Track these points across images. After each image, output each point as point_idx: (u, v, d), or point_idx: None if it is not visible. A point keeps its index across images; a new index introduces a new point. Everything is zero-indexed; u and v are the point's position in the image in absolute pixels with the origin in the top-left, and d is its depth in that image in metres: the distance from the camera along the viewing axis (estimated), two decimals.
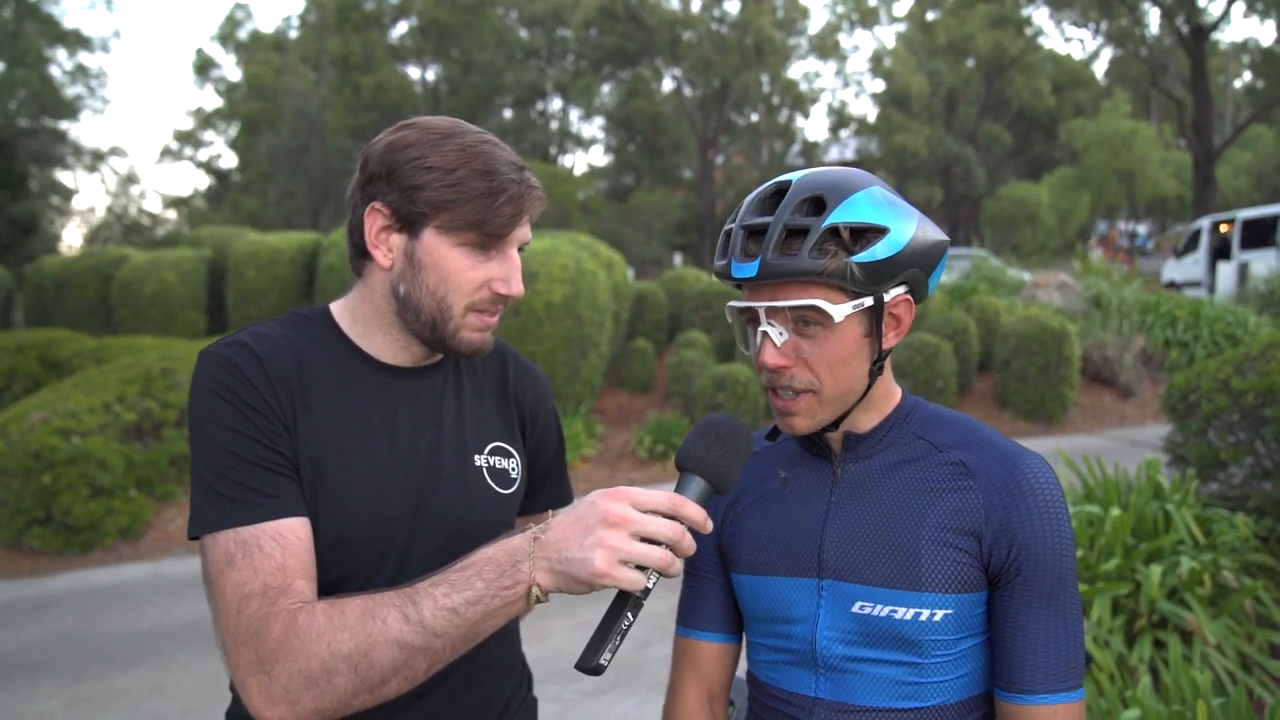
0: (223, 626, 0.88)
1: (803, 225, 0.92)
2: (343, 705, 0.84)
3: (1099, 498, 3.53)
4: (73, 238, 42.44)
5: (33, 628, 4.62)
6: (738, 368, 7.93)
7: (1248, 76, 37.83)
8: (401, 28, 33.30)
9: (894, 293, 0.96)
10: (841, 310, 0.92)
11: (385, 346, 1.08)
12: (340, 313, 1.10)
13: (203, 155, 43.94)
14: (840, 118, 38.07)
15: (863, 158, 34.60)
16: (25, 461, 5.67)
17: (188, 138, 43.21)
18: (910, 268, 0.95)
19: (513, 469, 1.15)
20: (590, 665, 0.82)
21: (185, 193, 47.78)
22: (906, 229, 0.94)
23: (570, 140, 38.37)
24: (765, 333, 0.95)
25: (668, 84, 33.24)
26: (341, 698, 0.83)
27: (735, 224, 0.97)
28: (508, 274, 1.04)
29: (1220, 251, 15.41)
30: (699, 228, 30.82)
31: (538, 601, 0.85)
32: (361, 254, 1.06)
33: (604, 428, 8.54)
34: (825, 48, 35.05)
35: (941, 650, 0.95)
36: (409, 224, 1.01)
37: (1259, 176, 32.25)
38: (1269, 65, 31.35)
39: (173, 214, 42.70)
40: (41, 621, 4.71)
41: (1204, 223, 16.27)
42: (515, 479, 1.15)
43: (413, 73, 33.84)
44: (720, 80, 29.97)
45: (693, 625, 1.13)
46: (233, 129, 40.44)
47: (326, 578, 0.98)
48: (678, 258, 27.35)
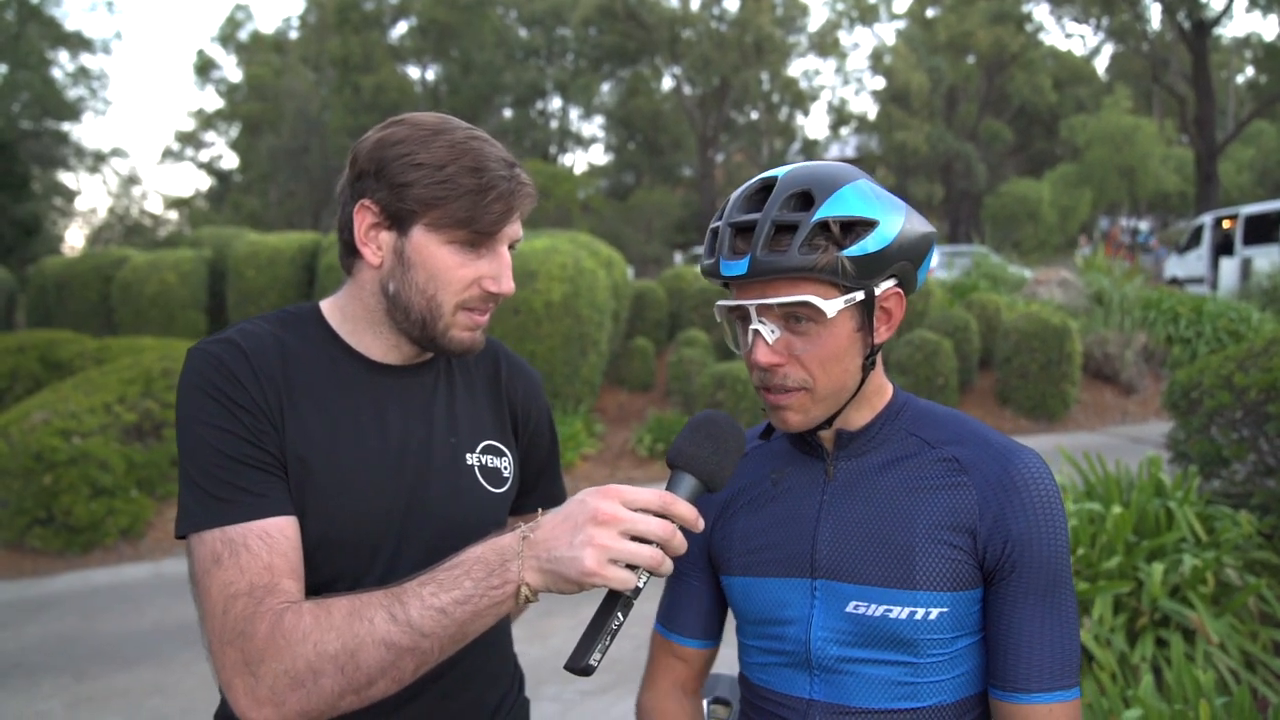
0: (209, 626, 0.87)
1: (792, 221, 0.90)
2: (329, 707, 0.83)
3: (1100, 495, 3.51)
4: (75, 239, 42.50)
5: (33, 628, 4.62)
6: (738, 366, 7.91)
7: (1250, 71, 37.74)
8: (401, 28, 33.31)
9: (884, 286, 0.95)
10: (834, 305, 0.91)
11: (375, 345, 1.07)
12: (330, 310, 1.09)
13: (204, 156, 43.99)
14: (840, 115, 38.02)
15: (863, 155, 34.56)
16: (26, 462, 5.67)
17: (189, 139, 43.24)
18: (900, 260, 0.94)
19: (505, 468, 1.14)
20: (580, 666, 0.81)
21: (187, 193, 47.97)
22: (895, 221, 0.93)
23: (570, 139, 38.35)
24: (757, 331, 0.94)
25: (667, 82, 33.22)
26: (328, 699, 0.82)
27: (722, 222, 0.96)
28: (498, 272, 1.03)
29: (1223, 247, 15.37)
30: (699, 226, 30.76)
31: (527, 601, 0.84)
32: (351, 251, 1.05)
33: (604, 426, 8.53)
34: (825, 45, 34.99)
35: (937, 649, 0.94)
36: (398, 221, 1.00)
37: (1262, 172, 32.16)
38: (1271, 60, 31.30)
39: (174, 215, 42.75)
40: (42, 621, 4.71)
41: (1206, 219, 16.22)
42: (507, 478, 1.14)
43: (412, 73, 33.83)
44: (720, 78, 29.94)
45: (670, 628, 1.14)
46: (233, 130, 40.46)
47: (316, 577, 0.97)
48: (678, 256, 27.31)
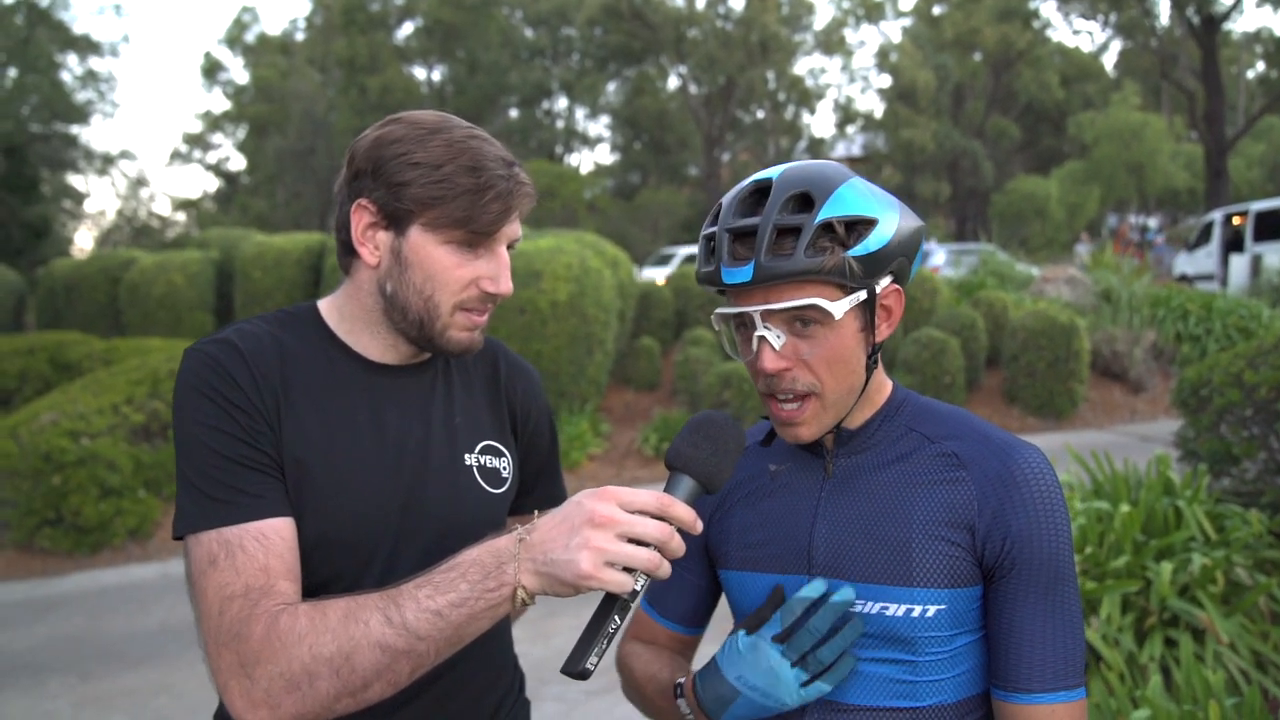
0: (204, 628, 0.87)
1: (794, 223, 0.89)
2: (325, 709, 0.82)
3: (1108, 494, 3.49)
4: (84, 241, 42.72)
5: (42, 627, 4.64)
6: (744, 366, 7.90)
7: (1260, 67, 37.50)
8: (407, 28, 33.34)
9: (884, 284, 0.94)
10: (840, 307, 0.90)
11: (373, 345, 1.06)
12: (328, 310, 1.08)
13: (211, 158, 44.12)
14: (847, 113, 37.89)
15: (870, 153, 34.47)
16: (35, 463, 5.70)
17: (196, 140, 43.41)
18: (898, 257, 0.94)
19: (504, 468, 1.13)
20: (576, 669, 0.80)
21: (194, 195, 48.24)
22: (892, 219, 0.93)
23: (576, 139, 38.34)
24: (763, 338, 0.92)
25: (673, 82, 33.18)
26: (323, 701, 0.82)
27: (718, 227, 0.94)
28: (496, 272, 1.02)
29: (1233, 244, 15.26)
30: None
31: (523, 604, 0.84)
32: (348, 251, 1.04)
33: (610, 426, 8.52)
34: (831, 43, 34.90)
35: (936, 647, 0.93)
36: (395, 221, 0.99)
37: (1272, 168, 31.89)
38: None
39: (182, 216, 42.93)
40: (50, 621, 4.73)
41: (1216, 215, 16.12)
42: (506, 478, 1.14)
43: (418, 73, 33.87)
44: (726, 77, 29.88)
45: (655, 608, 1.14)
46: (241, 131, 40.60)
47: (314, 578, 0.97)
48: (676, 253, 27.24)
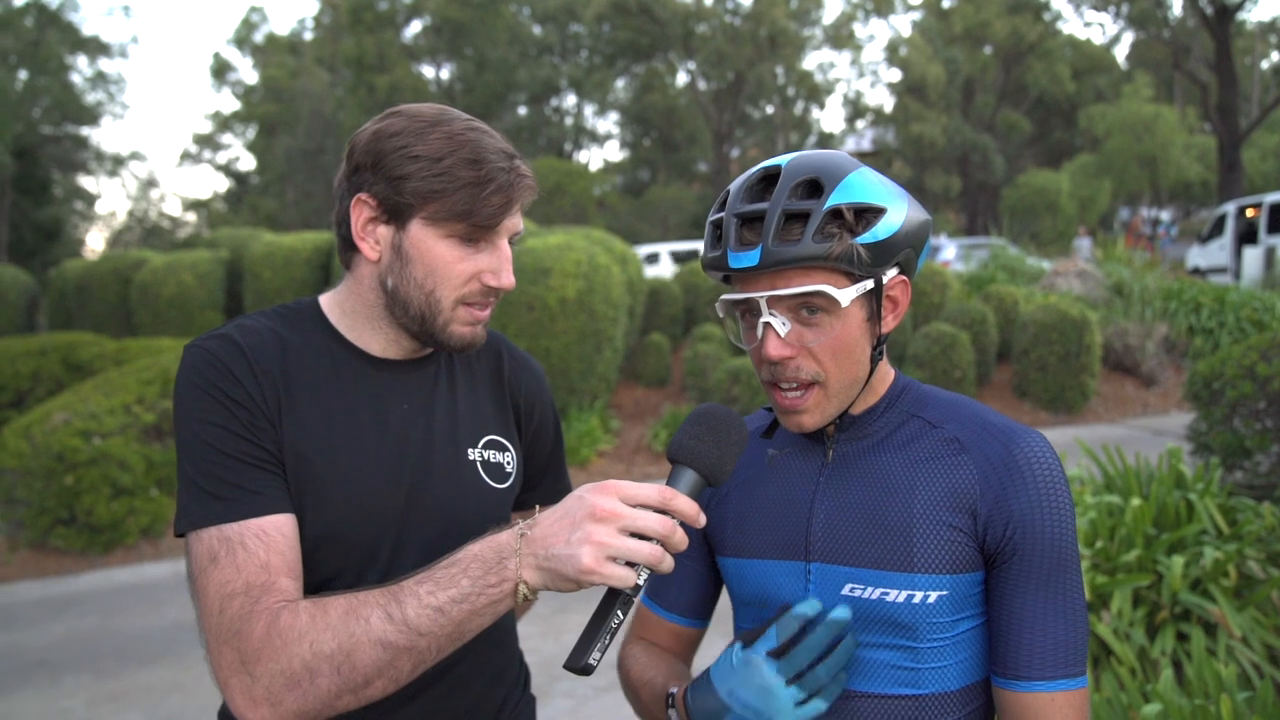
0: (205, 625, 0.87)
1: (803, 209, 0.89)
2: (326, 706, 0.82)
3: (1119, 487, 3.47)
4: (95, 242, 43.03)
5: (57, 626, 4.68)
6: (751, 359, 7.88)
7: (1275, 57, 37.12)
8: (415, 27, 33.39)
9: (890, 274, 0.94)
10: (847, 294, 0.89)
11: (374, 340, 1.06)
12: (329, 305, 1.08)
13: (221, 158, 44.41)
14: (856, 108, 37.74)
15: (879, 148, 34.32)
16: (48, 463, 5.74)
17: (206, 141, 43.66)
18: (905, 248, 0.93)
19: (508, 463, 1.13)
20: (579, 665, 0.79)
21: (205, 195, 48.52)
22: (900, 208, 0.92)
23: (585, 136, 38.33)
24: (768, 324, 0.92)
25: (682, 78, 33.12)
26: (325, 699, 0.82)
27: (726, 213, 0.93)
28: (498, 266, 1.01)
29: (1246, 236, 15.13)
30: None
31: (526, 600, 0.83)
32: (349, 246, 1.04)
33: (619, 422, 8.53)
34: (840, 38, 34.75)
35: (937, 633, 0.92)
36: (395, 215, 0.99)
37: None
38: None
39: (192, 216, 43.21)
40: (65, 620, 4.77)
41: (1229, 207, 15.97)
42: (510, 473, 1.13)
43: (427, 72, 33.92)
44: (734, 73, 29.81)
45: (657, 601, 1.12)
46: (250, 131, 40.81)
47: (317, 574, 0.97)
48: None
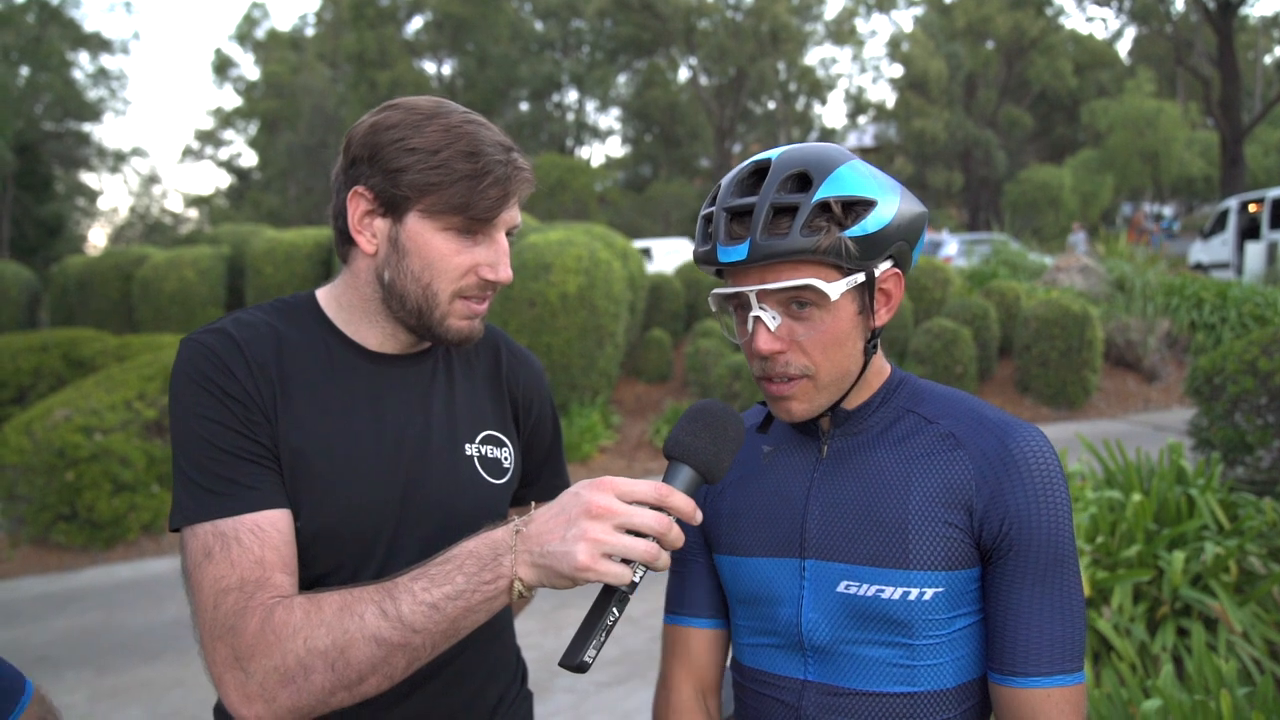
0: (200, 621, 0.86)
1: (791, 202, 0.88)
2: (320, 703, 0.82)
3: (1120, 483, 3.46)
4: (97, 238, 43.07)
5: (59, 622, 4.69)
6: None
7: (1278, 52, 36.98)
8: (416, 22, 33.35)
9: (883, 267, 0.93)
10: (836, 288, 0.89)
11: (371, 334, 1.05)
12: (326, 299, 1.07)
13: (223, 154, 44.38)
14: (858, 104, 37.65)
15: (881, 144, 34.24)
16: (50, 459, 5.75)
17: (208, 137, 43.65)
18: (897, 241, 0.92)
19: (505, 458, 1.13)
20: (574, 663, 0.79)
21: (207, 191, 48.47)
22: (892, 201, 0.91)
23: (587, 132, 38.27)
24: (758, 318, 0.91)
25: (683, 73, 33.07)
26: (319, 695, 0.81)
27: (715, 207, 0.93)
28: (495, 259, 1.01)
29: (1249, 232, 15.08)
30: None
31: (521, 597, 0.83)
32: (346, 240, 1.03)
33: (621, 418, 8.53)
34: (842, 33, 34.66)
35: (934, 630, 0.92)
36: (392, 208, 0.98)
37: None
38: None
39: (194, 213, 43.23)
40: (67, 616, 4.78)
41: (1232, 202, 15.92)
42: (508, 468, 1.13)
43: (428, 67, 33.88)
44: (736, 68, 29.74)
45: (682, 612, 1.09)
46: (252, 127, 40.79)
47: (312, 570, 0.97)
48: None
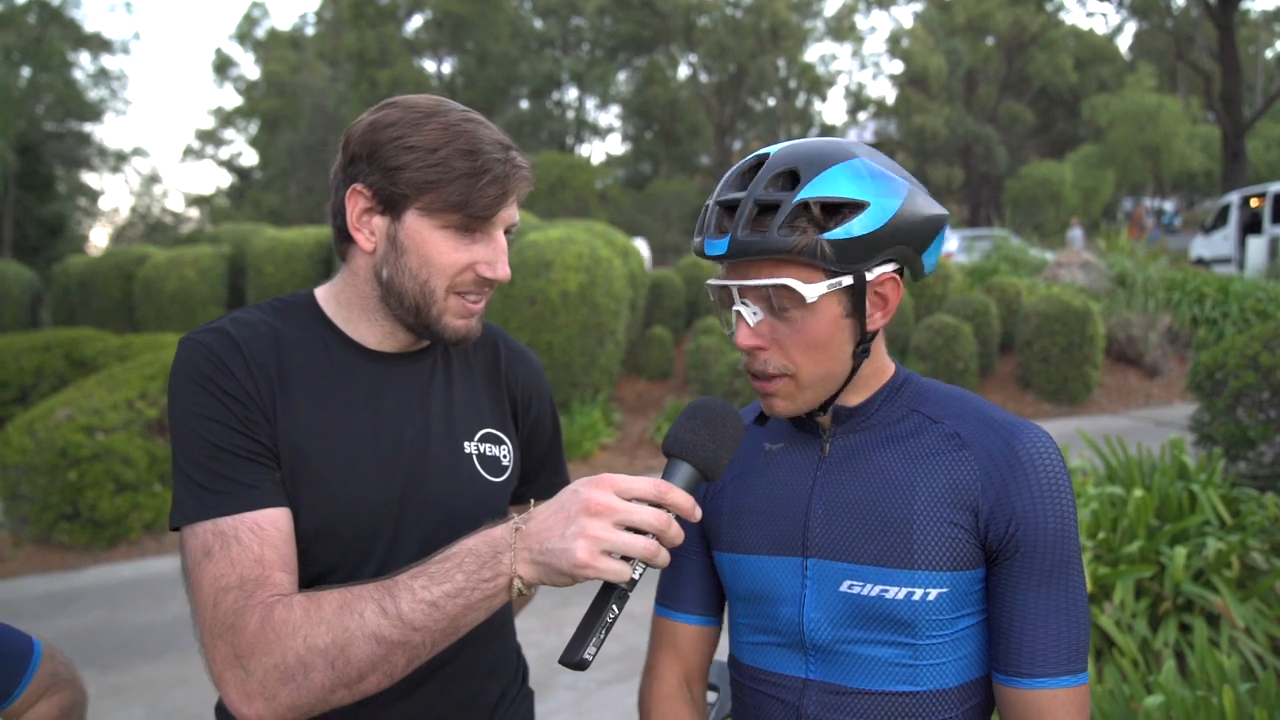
0: (199, 619, 0.86)
1: (774, 200, 0.87)
2: (320, 701, 0.82)
3: (1122, 478, 3.46)
4: (99, 238, 43.09)
5: (61, 621, 4.70)
6: None
7: (1279, 46, 36.90)
8: (416, 21, 33.33)
9: (878, 271, 0.90)
10: (814, 290, 0.87)
11: (370, 332, 1.05)
12: (325, 298, 1.08)
13: (224, 153, 44.41)
14: (858, 100, 37.62)
15: (882, 140, 34.20)
16: (52, 458, 5.76)
17: (209, 136, 43.67)
18: (896, 244, 0.89)
19: (504, 456, 1.13)
20: (574, 660, 0.79)
21: (208, 191, 48.51)
22: (889, 203, 0.88)
23: (587, 129, 38.25)
24: (739, 312, 0.91)
25: (683, 70, 33.04)
26: (319, 693, 0.81)
27: (712, 198, 0.93)
28: (493, 257, 1.01)
29: (1250, 227, 15.06)
30: None
31: (521, 595, 0.82)
32: (344, 238, 1.03)
33: (622, 416, 8.53)
34: (842, 30, 34.62)
35: (937, 631, 0.91)
36: (391, 206, 0.98)
37: None
38: None
39: (195, 212, 43.27)
40: (70, 614, 4.79)
41: (1233, 197, 15.89)
42: (507, 466, 1.13)
43: (428, 66, 33.86)
44: (736, 65, 29.71)
45: (671, 606, 1.10)
46: (253, 126, 40.81)
47: (312, 569, 0.97)
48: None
